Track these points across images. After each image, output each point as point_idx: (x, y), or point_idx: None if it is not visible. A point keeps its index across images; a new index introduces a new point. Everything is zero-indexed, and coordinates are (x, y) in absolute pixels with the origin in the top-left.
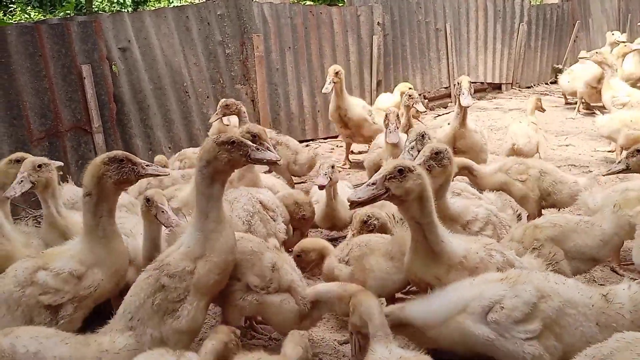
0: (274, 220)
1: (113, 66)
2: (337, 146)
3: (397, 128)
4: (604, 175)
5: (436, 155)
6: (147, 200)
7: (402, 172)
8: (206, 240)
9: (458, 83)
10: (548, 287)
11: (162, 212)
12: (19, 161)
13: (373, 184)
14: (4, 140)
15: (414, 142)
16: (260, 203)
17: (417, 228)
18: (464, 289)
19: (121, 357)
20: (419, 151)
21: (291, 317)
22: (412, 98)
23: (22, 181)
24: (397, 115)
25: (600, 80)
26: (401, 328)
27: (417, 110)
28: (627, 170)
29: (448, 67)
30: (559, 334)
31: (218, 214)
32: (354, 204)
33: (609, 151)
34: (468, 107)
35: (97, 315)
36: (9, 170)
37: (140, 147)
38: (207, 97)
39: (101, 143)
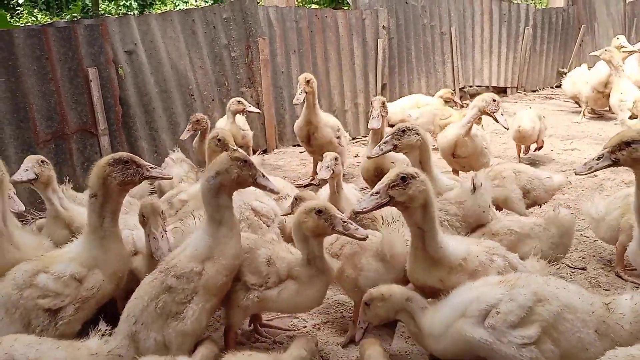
0: (268, 226)
1: (119, 69)
2: None
3: (380, 115)
4: (585, 174)
5: (402, 133)
6: (142, 215)
7: (404, 180)
8: (216, 245)
9: (494, 100)
10: (547, 291)
11: (154, 238)
12: None
13: (377, 193)
14: (10, 142)
15: (390, 136)
16: (253, 210)
17: (417, 234)
18: (463, 294)
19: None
20: (394, 146)
21: (293, 302)
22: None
23: (27, 170)
24: (383, 102)
25: (606, 84)
26: (411, 322)
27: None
28: (614, 165)
29: (453, 70)
30: (556, 338)
31: (231, 220)
32: (360, 215)
33: None
34: (507, 129)
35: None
36: None
37: (145, 150)
38: (213, 100)
39: (107, 145)
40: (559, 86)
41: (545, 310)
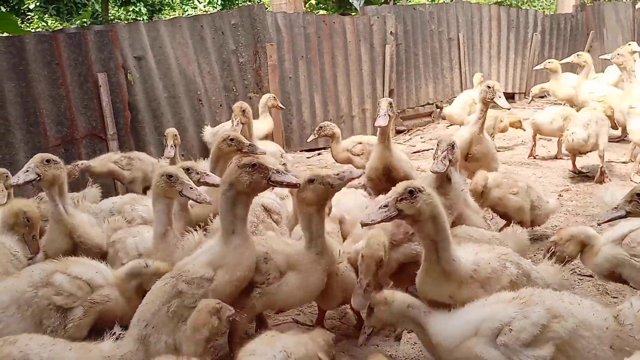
0: (278, 224)
1: (128, 74)
2: None
3: (387, 114)
4: (599, 224)
5: (452, 148)
6: (170, 176)
7: (412, 193)
8: (231, 253)
9: (489, 87)
10: (562, 307)
11: (191, 188)
12: (28, 220)
13: (385, 206)
14: (20, 146)
15: (446, 151)
16: (264, 208)
17: (431, 246)
18: (476, 311)
19: None
20: (450, 161)
21: (296, 293)
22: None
23: (27, 171)
24: (390, 103)
25: None
26: (418, 328)
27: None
28: (627, 216)
29: (461, 76)
30: (572, 356)
31: (243, 231)
32: (367, 227)
33: (623, 162)
34: (509, 109)
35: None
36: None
37: (153, 155)
38: (220, 106)
39: (116, 150)
40: None
41: (561, 327)
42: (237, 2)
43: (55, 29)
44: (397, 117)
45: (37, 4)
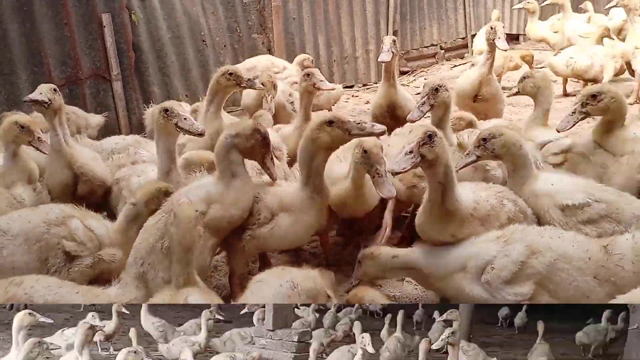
0: (280, 160)
1: (132, 15)
2: (352, 96)
3: (390, 50)
4: (456, 171)
5: (436, 92)
6: (166, 110)
7: (431, 137)
8: (229, 192)
9: (492, 28)
10: (541, 242)
11: (185, 119)
12: (23, 127)
13: (410, 152)
14: (25, 87)
15: (426, 97)
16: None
17: (437, 188)
18: (466, 248)
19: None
20: (431, 106)
21: (290, 233)
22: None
23: (42, 93)
24: (394, 40)
25: (620, 31)
26: (409, 270)
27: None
28: (477, 160)
29: (465, 17)
30: (553, 290)
31: (244, 173)
32: (398, 174)
33: (629, 103)
34: (506, 50)
35: None
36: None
37: (157, 95)
38: (224, 46)
39: (120, 91)
40: None
41: (539, 263)
42: None
43: None
44: (401, 58)
45: None
